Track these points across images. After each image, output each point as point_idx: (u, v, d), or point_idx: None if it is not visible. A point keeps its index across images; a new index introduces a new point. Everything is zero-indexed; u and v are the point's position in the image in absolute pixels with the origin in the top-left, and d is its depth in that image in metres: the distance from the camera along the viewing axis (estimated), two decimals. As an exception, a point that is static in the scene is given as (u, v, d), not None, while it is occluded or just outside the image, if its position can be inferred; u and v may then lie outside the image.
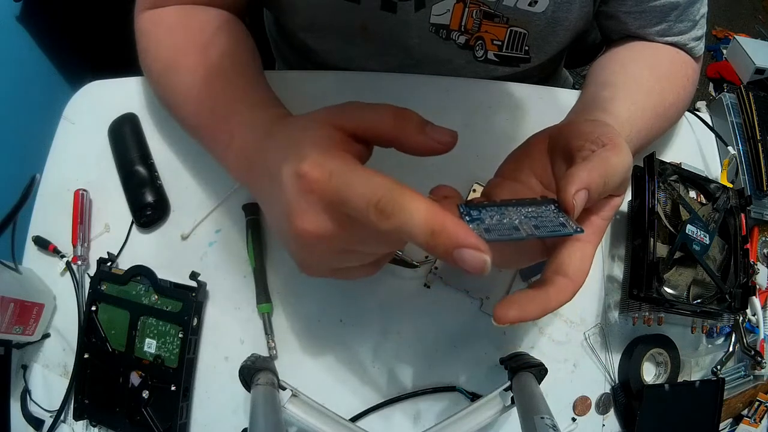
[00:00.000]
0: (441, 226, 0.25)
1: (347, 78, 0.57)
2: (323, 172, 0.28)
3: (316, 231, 0.29)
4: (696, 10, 0.52)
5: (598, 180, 0.31)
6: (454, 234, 0.25)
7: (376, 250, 0.32)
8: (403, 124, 0.31)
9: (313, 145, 0.30)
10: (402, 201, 0.26)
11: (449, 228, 0.25)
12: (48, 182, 0.54)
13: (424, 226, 0.26)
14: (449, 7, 0.52)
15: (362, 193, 0.27)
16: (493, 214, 0.31)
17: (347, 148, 0.31)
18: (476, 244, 0.25)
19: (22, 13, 0.95)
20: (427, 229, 0.26)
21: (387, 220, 0.26)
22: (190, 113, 0.46)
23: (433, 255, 0.27)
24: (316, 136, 0.31)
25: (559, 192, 0.31)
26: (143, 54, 0.49)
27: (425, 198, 0.27)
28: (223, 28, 0.49)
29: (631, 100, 0.47)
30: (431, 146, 0.32)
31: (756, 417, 0.54)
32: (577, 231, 0.30)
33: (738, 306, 0.50)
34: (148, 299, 0.48)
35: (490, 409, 0.43)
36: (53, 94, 0.89)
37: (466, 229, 0.26)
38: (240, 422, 0.47)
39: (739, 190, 0.54)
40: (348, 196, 0.27)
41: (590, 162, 0.32)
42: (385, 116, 0.31)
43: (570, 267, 0.33)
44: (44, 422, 0.48)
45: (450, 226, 0.25)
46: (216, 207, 0.52)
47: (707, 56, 2.01)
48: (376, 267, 0.35)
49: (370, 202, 0.26)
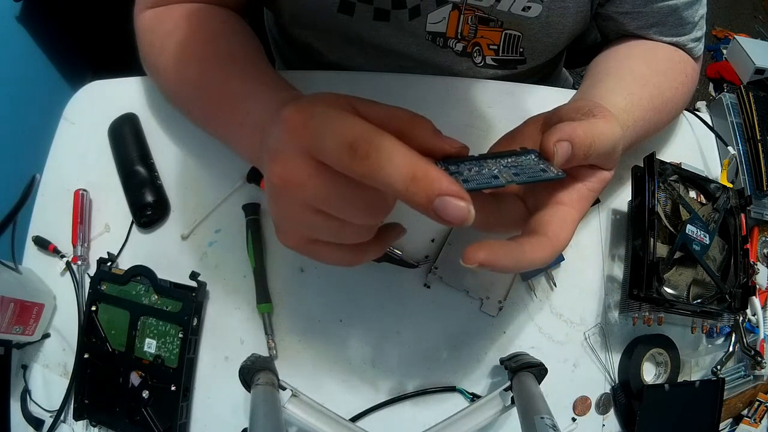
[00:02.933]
0: (423, 172, 0.24)
1: (347, 78, 0.57)
2: (304, 115, 0.27)
3: (288, 176, 0.28)
4: (694, 11, 0.52)
5: (582, 136, 0.31)
6: (436, 180, 0.24)
7: (353, 215, 0.28)
8: (418, 125, 0.30)
9: (312, 99, 0.29)
10: (379, 143, 0.24)
11: (431, 174, 0.24)
12: (48, 182, 0.54)
13: (404, 171, 0.24)
14: (445, 15, 0.52)
15: (338, 133, 0.25)
16: (472, 166, 0.30)
17: (348, 103, 0.30)
18: (458, 191, 0.24)
19: (22, 13, 0.95)
20: (407, 174, 0.24)
21: (362, 163, 0.24)
22: (199, 104, 0.45)
23: (410, 204, 0.25)
24: (324, 96, 0.29)
25: (541, 142, 0.30)
26: (147, 50, 0.48)
27: (403, 144, 0.25)
28: (229, 23, 0.49)
29: (628, 91, 0.47)
30: (440, 146, 0.30)
31: (756, 417, 0.54)
32: (558, 175, 0.29)
33: (738, 306, 0.50)
34: (148, 299, 0.48)
35: (490, 409, 0.43)
36: (53, 94, 0.89)
37: (448, 177, 0.24)
38: (240, 422, 0.47)
39: (739, 190, 0.54)
40: (323, 137, 0.26)
41: (577, 121, 0.32)
42: (402, 113, 0.30)
43: (549, 227, 0.32)
44: (44, 422, 0.48)
45: (432, 173, 0.24)
46: (216, 207, 0.52)
47: (707, 56, 2.01)
48: (358, 254, 0.33)
49: (344, 142, 0.25)
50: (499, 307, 0.50)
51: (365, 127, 0.25)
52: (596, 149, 0.32)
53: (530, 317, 0.51)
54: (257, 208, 0.50)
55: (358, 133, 0.25)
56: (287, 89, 0.41)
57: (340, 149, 0.25)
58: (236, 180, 0.52)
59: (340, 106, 0.29)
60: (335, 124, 0.25)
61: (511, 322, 0.50)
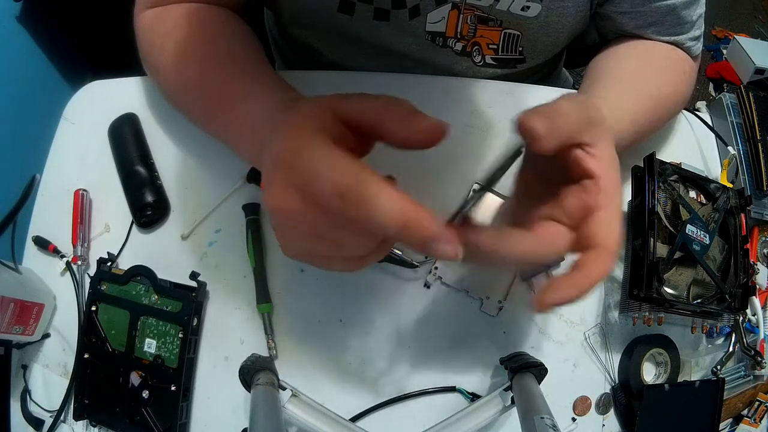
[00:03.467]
0: (415, 219, 0.25)
1: (347, 78, 0.57)
2: (291, 150, 0.27)
3: (282, 207, 0.28)
4: (693, 10, 0.52)
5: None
6: (428, 227, 0.25)
7: (351, 241, 0.29)
8: (390, 109, 0.29)
9: (299, 125, 0.29)
10: (370, 192, 0.25)
11: (423, 221, 0.25)
12: (48, 182, 0.54)
13: (397, 217, 0.25)
14: (444, 15, 0.52)
15: (327, 179, 0.26)
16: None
17: (339, 138, 0.29)
18: (448, 236, 0.25)
19: (22, 13, 0.95)
20: (400, 221, 0.25)
21: (353, 210, 0.25)
22: (198, 105, 0.45)
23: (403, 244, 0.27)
24: (308, 117, 0.30)
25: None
26: (147, 49, 0.48)
27: (394, 188, 0.25)
28: (229, 23, 0.49)
29: (625, 90, 0.47)
30: (412, 137, 0.29)
31: (756, 417, 0.54)
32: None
33: (738, 306, 0.50)
34: (148, 299, 0.48)
35: (490, 409, 0.43)
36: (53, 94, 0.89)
37: (437, 223, 0.26)
38: (240, 422, 0.47)
39: (739, 190, 0.54)
40: (312, 180, 0.26)
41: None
42: (377, 102, 0.30)
43: (597, 237, 0.32)
44: (44, 422, 0.48)
45: (423, 219, 0.25)
46: (216, 207, 0.52)
47: (707, 56, 2.00)
48: (359, 263, 0.33)
49: (334, 191, 0.25)
50: (499, 307, 0.50)
51: (354, 173, 0.26)
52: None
53: (530, 317, 0.51)
54: (257, 208, 0.50)
55: (348, 183, 0.25)
56: (286, 90, 0.42)
57: (331, 197, 0.26)
58: (236, 180, 0.52)
59: (324, 124, 0.29)
60: (324, 166, 0.26)
61: (511, 322, 0.50)
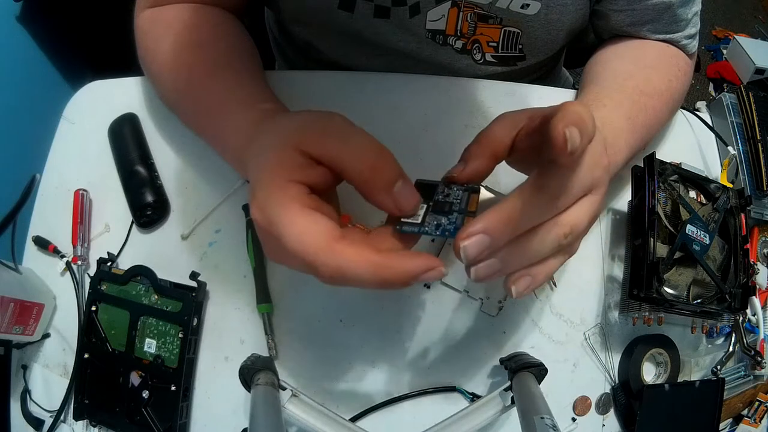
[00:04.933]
0: (390, 271, 0.28)
1: (347, 78, 0.57)
2: (265, 220, 0.29)
3: (273, 257, 0.31)
4: (689, 8, 0.53)
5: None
6: (404, 272, 0.28)
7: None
8: (373, 178, 0.30)
9: (265, 175, 0.31)
10: (336, 263, 0.27)
11: (397, 269, 0.28)
12: (48, 182, 0.54)
13: (372, 276, 0.27)
14: (444, 13, 0.52)
15: (295, 250, 0.28)
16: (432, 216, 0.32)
17: (304, 173, 0.31)
18: (426, 268, 0.28)
19: (22, 13, 0.95)
20: (375, 279, 0.27)
21: (328, 278, 0.28)
22: (189, 113, 0.47)
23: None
24: (274, 159, 0.31)
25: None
26: (143, 53, 0.49)
27: (363, 252, 0.28)
28: (220, 26, 0.49)
29: (618, 89, 0.48)
30: (391, 209, 0.31)
31: (756, 417, 0.54)
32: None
33: (738, 306, 0.50)
34: (148, 299, 0.48)
35: (490, 409, 0.43)
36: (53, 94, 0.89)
37: (410, 263, 0.28)
38: (240, 422, 0.47)
39: (739, 190, 0.54)
40: (285, 248, 0.28)
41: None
42: (357, 159, 0.30)
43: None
44: (44, 422, 0.48)
45: (397, 268, 0.28)
46: (216, 207, 0.52)
47: (707, 56, 2.00)
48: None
49: (305, 261, 0.28)
50: (499, 307, 0.50)
51: (320, 246, 0.28)
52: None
53: (530, 317, 0.51)
54: (257, 208, 0.50)
55: (313, 257, 0.28)
56: (260, 102, 0.42)
57: (304, 266, 0.28)
58: (236, 180, 0.52)
59: (298, 151, 0.31)
60: (292, 239, 0.28)
61: (511, 322, 0.50)
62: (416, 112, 0.55)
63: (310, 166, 0.31)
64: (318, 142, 0.31)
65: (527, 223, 0.30)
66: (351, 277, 0.27)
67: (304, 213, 0.29)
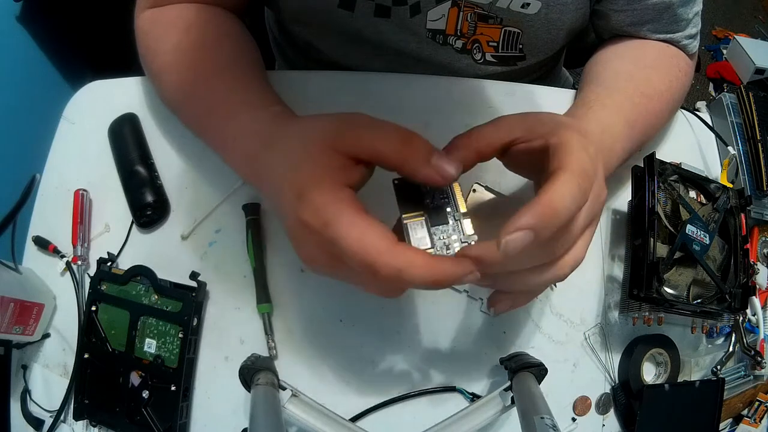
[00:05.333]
0: (442, 275, 0.29)
1: (347, 78, 0.57)
2: (320, 223, 0.30)
3: (315, 262, 0.32)
4: (689, 8, 0.52)
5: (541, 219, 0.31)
6: (452, 274, 0.29)
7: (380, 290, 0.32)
8: (409, 153, 0.31)
9: (311, 179, 0.31)
10: (397, 265, 0.28)
11: (449, 272, 0.29)
12: (48, 182, 0.54)
13: (426, 279, 0.29)
14: (444, 12, 0.52)
15: (357, 252, 0.28)
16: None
17: (346, 175, 0.31)
18: (469, 271, 0.30)
19: (22, 13, 0.95)
20: (430, 279, 0.29)
21: (385, 279, 0.28)
22: (191, 113, 0.47)
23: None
24: (314, 163, 0.31)
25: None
26: (144, 53, 0.49)
27: (418, 253, 0.29)
28: (223, 26, 0.49)
29: (617, 90, 0.48)
30: (435, 179, 0.31)
31: (756, 417, 0.54)
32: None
33: (738, 306, 0.50)
34: (148, 299, 0.48)
35: (490, 409, 0.43)
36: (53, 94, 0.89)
37: (459, 266, 0.30)
38: (240, 422, 0.47)
39: (739, 190, 0.54)
40: (343, 252, 0.29)
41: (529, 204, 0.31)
42: (391, 142, 0.31)
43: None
44: (44, 422, 0.48)
45: (449, 271, 0.29)
46: (216, 207, 0.52)
47: (707, 56, 2.00)
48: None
49: (366, 262, 0.28)
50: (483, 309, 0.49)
51: (381, 248, 0.28)
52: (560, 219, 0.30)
53: (530, 317, 0.51)
54: (257, 208, 0.50)
55: (374, 259, 0.28)
56: (271, 105, 0.42)
57: (362, 270, 0.29)
58: (236, 180, 0.52)
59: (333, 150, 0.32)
60: (352, 239, 0.29)
61: (511, 322, 0.50)
62: (416, 112, 0.55)
63: (352, 167, 0.32)
64: (354, 138, 0.32)
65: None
66: (407, 278, 0.28)
67: (361, 216, 0.30)
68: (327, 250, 0.31)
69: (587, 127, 0.42)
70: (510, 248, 0.28)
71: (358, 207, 0.30)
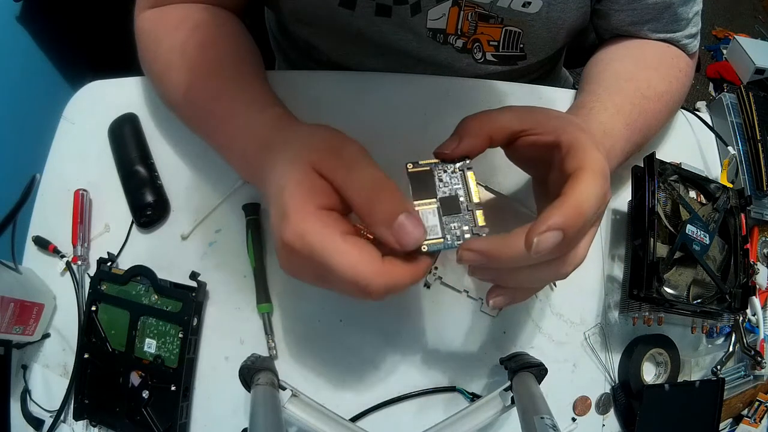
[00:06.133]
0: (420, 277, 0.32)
1: (347, 78, 0.57)
2: (303, 246, 0.30)
3: (299, 277, 0.33)
4: (689, 8, 0.53)
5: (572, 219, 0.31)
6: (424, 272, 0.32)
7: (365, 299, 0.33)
8: (374, 210, 0.30)
9: (295, 201, 0.31)
10: (388, 284, 0.30)
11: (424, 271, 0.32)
12: (48, 182, 0.54)
13: (412, 284, 0.31)
14: (445, 12, 0.52)
15: (349, 279, 0.29)
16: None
17: (330, 200, 0.32)
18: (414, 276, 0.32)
19: (22, 13, 0.95)
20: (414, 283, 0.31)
21: (376, 296, 0.30)
22: (189, 114, 0.47)
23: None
24: (299, 184, 0.32)
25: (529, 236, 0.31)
26: (144, 53, 0.49)
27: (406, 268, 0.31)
28: (222, 26, 0.49)
29: (617, 91, 0.48)
30: (392, 245, 0.31)
31: (756, 417, 0.54)
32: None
33: (738, 306, 0.50)
34: (148, 299, 0.48)
35: (490, 409, 0.43)
36: (53, 94, 0.89)
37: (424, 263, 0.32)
38: (240, 422, 0.47)
39: (739, 190, 0.54)
40: (334, 277, 0.30)
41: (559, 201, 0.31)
42: (360, 192, 0.31)
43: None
44: (44, 422, 0.48)
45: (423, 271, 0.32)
46: (216, 207, 0.52)
47: (707, 56, 2.00)
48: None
49: (358, 287, 0.29)
50: (482, 301, 0.49)
51: (363, 269, 0.29)
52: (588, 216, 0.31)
53: (530, 317, 0.51)
54: (257, 208, 0.50)
55: (359, 280, 0.29)
56: (269, 106, 0.42)
57: (349, 288, 0.30)
58: (236, 180, 0.52)
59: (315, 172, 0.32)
60: (336, 260, 0.30)
61: (511, 322, 0.50)
62: (416, 112, 0.55)
63: (335, 193, 0.32)
64: (328, 167, 0.32)
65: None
66: (397, 290, 0.30)
67: (348, 241, 0.30)
68: (312, 269, 0.31)
69: (589, 128, 0.42)
70: (541, 247, 0.29)
71: (344, 229, 0.31)
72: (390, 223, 0.30)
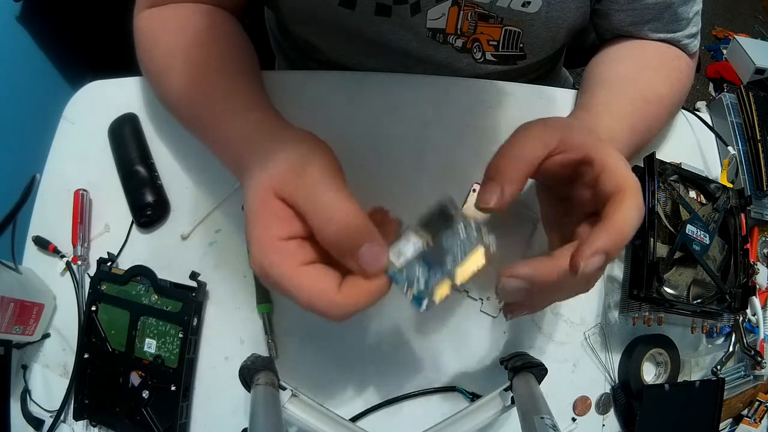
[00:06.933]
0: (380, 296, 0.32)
1: (348, 78, 0.57)
2: (266, 276, 0.31)
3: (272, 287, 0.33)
4: (690, 7, 0.53)
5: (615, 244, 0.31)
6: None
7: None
8: (338, 242, 0.31)
9: (257, 226, 0.31)
10: (347, 310, 0.30)
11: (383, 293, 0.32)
12: (48, 182, 0.54)
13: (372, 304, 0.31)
14: (444, 11, 0.52)
15: (308, 307, 0.31)
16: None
17: (292, 228, 0.31)
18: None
19: (22, 13, 0.95)
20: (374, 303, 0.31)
21: (338, 320, 0.31)
22: (184, 116, 0.47)
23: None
24: (257, 212, 0.32)
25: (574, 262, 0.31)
26: (142, 54, 0.49)
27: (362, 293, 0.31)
28: (219, 27, 0.49)
29: (619, 94, 0.48)
30: (354, 270, 0.31)
31: (756, 417, 0.54)
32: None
33: (738, 306, 0.50)
34: (148, 299, 0.48)
35: (490, 409, 0.43)
36: (53, 94, 0.89)
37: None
38: (240, 422, 0.47)
39: (739, 190, 0.54)
40: (288, 294, 0.31)
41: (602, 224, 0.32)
42: (320, 222, 0.31)
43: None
44: (44, 422, 0.48)
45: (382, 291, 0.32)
46: (216, 207, 0.52)
47: (707, 56, 2.00)
48: None
49: (317, 313, 0.31)
50: (500, 308, 0.50)
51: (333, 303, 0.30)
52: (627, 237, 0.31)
53: (530, 317, 0.51)
54: (257, 208, 0.50)
55: (310, 304, 0.30)
56: (255, 110, 0.42)
57: (305, 307, 0.31)
58: (236, 180, 0.52)
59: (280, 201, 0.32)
60: (292, 288, 0.31)
61: (511, 322, 0.50)
62: (416, 112, 0.55)
63: (297, 219, 0.32)
64: (289, 192, 0.32)
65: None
66: (359, 311, 0.31)
67: (304, 274, 0.31)
68: (284, 293, 0.32)
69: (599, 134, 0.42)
70: (588, 271, 0.29)
71: (304, 260, 0.31)
72: (353, 253, 0.30)
